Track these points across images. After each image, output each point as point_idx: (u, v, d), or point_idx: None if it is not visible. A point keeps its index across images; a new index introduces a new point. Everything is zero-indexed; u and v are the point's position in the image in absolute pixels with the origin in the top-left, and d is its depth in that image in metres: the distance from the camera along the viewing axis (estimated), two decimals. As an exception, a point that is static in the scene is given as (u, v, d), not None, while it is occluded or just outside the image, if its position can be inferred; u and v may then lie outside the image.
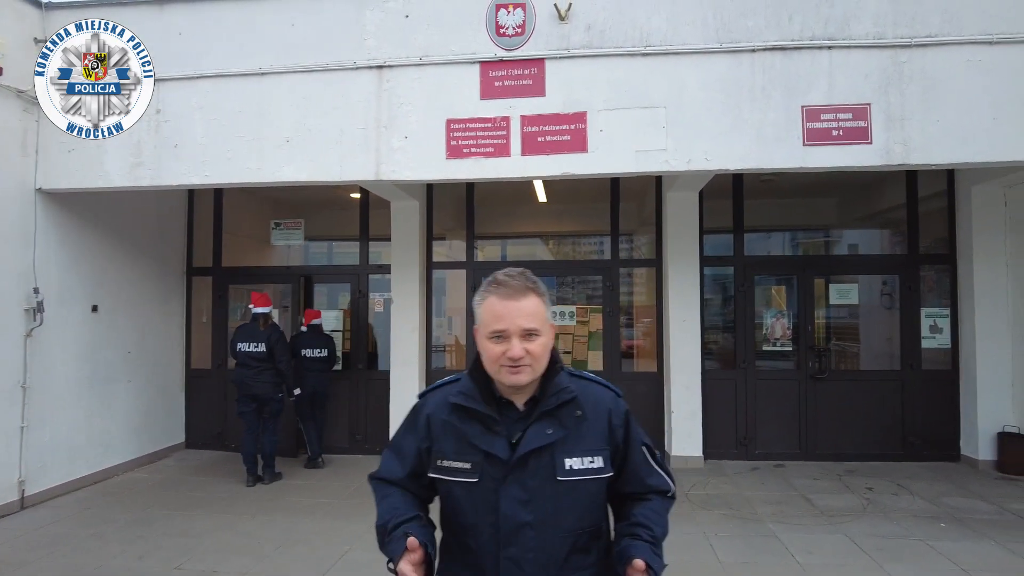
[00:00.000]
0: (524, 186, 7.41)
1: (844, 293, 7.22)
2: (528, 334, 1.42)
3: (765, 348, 7.28)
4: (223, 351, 7.60)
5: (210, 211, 7.87)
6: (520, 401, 1.50)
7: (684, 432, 6.82)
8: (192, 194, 7.86)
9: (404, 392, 7.06)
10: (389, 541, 1.47)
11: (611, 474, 1.51)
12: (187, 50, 5.54)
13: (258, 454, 6.32)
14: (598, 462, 1.48)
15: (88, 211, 6.25)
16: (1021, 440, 6.35)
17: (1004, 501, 5.55)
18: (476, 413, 1.48)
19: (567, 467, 1.45)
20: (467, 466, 1.46)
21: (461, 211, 7.72)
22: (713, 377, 7.08)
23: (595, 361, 7.43)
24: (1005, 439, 6.42)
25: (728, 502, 5.59)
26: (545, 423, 1.46)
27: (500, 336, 1.42)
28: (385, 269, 7.51)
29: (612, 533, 1.56)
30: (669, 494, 1.62)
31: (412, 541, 1.38)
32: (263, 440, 6.33)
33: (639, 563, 1.37)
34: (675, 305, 6.94)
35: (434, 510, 1.59)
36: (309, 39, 5.43)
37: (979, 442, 6.56)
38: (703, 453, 6.82)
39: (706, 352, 7.09)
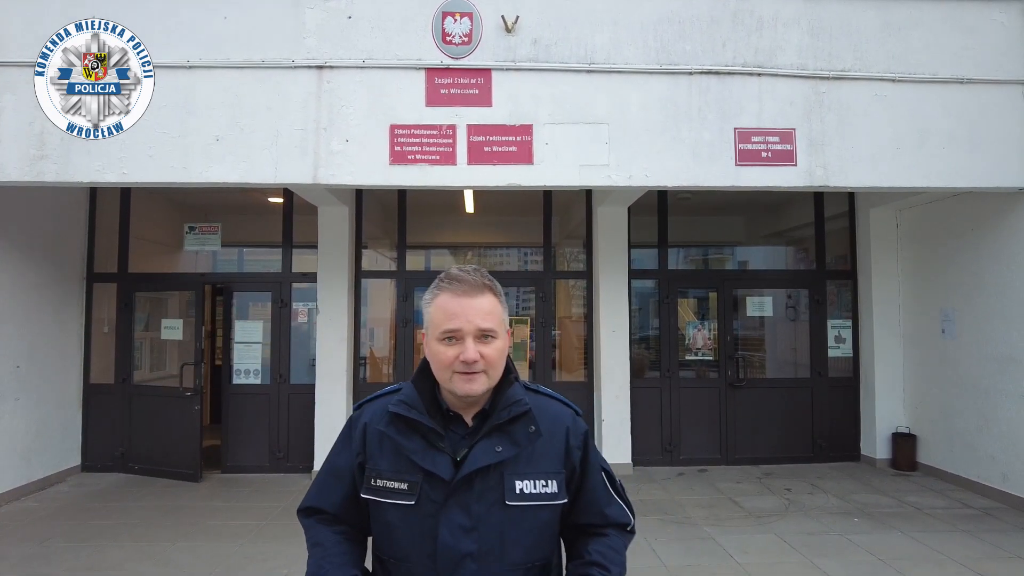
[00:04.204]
0: (453, 196, 7.38)
1: (760, 306, 7.69)
2: (484, 335, 1.28)
3: (688, 358, 7.62)
4: (128, 364, 7.01)
5: (115, 212, 7.22)
6: (469, 415, 1.36)
7: (614, 440, 6.97)
8: (94, 193, 7.20)
9: (331, 407, 6.77)
10: None
11: (565, 501, 1.37)
12: (103, 36, 5.08)
13: None
14: (552, 486, 1.34)
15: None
16: (911, 439, 7.01)
17: (901, 495, 6.10)
18: (418, 425, 1.32)
19: (518, 490, 1.30)
20: (404, 486, 1.30)
21: (388, 219, 7.55)
22: (639, 386, 7.29)
23: (519, 371, 7.43)
24: (898, 439, 7.07)
25: (662, 507, 5.77)
26: (495, 439, 1.31)
27: (452, 337, 1.28)
28: (310, 278, 7.18)
29: (564, 570, 1.42)
30: (628, 528, 1.46)
31: None
32: None
33: None
34: (605, 316, 7.10)
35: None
36: (243, 34, 5.14)
37: (876, 442, 7.18)
38: (632, 460, 7.01)
39: (632, 361, 7.30)
